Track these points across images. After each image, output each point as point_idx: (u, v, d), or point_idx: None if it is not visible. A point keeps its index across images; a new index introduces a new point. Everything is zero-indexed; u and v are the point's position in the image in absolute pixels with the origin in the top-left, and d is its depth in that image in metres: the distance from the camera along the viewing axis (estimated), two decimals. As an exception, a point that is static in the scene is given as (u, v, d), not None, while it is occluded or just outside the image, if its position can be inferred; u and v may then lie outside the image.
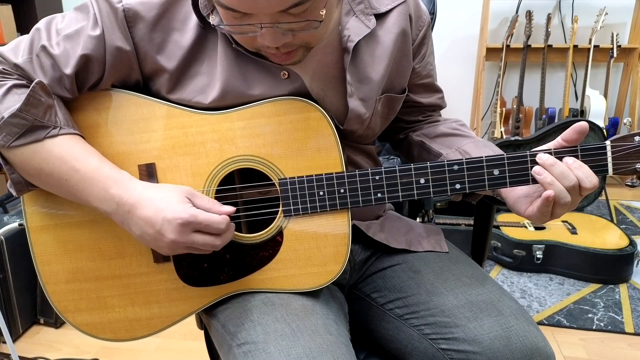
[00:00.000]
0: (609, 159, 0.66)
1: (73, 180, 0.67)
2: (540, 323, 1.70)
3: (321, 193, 0.71)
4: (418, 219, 1.13)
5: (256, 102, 0.71)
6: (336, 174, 0.71)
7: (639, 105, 2.78)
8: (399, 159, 1.21)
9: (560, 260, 1.97)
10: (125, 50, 0.69)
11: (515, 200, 0.71)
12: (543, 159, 0.65)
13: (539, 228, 2.09)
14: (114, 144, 0.72)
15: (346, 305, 0.83)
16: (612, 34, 2.68)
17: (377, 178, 0.71)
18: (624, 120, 2.78)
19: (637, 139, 0.65)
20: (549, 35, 2.74)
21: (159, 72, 0.72)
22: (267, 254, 0.74)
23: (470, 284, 0.77)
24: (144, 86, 0.74)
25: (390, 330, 0.80)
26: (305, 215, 0.73)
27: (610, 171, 0.66)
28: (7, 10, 2.38)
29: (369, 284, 0.85)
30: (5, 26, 2.35)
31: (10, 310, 1.65)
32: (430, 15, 0.87)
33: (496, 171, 0.68)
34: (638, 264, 1.95)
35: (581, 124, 0.64)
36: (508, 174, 0.68)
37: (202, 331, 0.93)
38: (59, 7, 2.80)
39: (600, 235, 2.03)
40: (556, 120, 2.84)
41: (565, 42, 2.81)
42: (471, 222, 2.07)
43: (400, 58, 0.80)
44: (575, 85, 2.91)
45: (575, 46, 2.71)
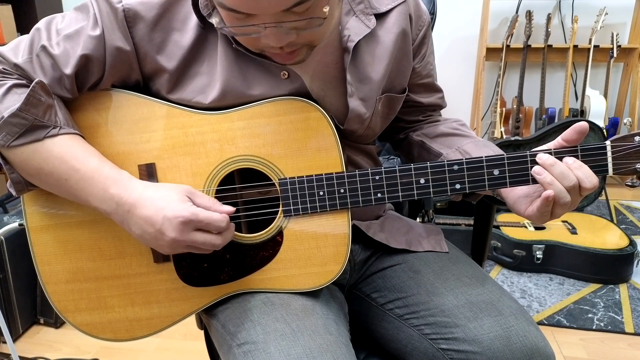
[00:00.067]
0: (609, 159, 0.66)
1: (73, 180, 0.67)
2: (540, 323, 1.70)
3: (321, 193, 0.71)
4: (418, 219, 1.13)
5: (256, 102, 0.71)
6: (336, 174, 0.71)
7: (639, 105, 2.78)
8: (399, 159, 1.21)
9: (560, 260, 1.97)
10: (125, 50, 0.69)
11: (515, 200, 0.71)
12: (543, 159, 0.65)
13: (539, 228, 2.09)
14: (114, 144, 0.72)
15: (346, 305, 0.83)
16: (612, 34, 2.68)
17: (377, 178, 0.71)
18: (624, 120, 2.78)
19: (637, 139, 0.65)
20: (549, 35, 2.74)
21: (159, 72, 0.72)
22: (267, 254, 0.74)
23: (470, 284, 0.77)
24: (144, 86, 0.74)
25: (390, 330, 0.80)
26: (305, 215, 0.73)
27: (610, 171, 0.66)
28: (7, 10, 2.38)
29: (369, 284, 0.85)
30: (5, 26, 2.35)
31: (10, 310, 1.65)
32: (430, 15, 0.87)
33: (496, 171, 0.68)
34: (638, 264, 1.94)
35: (581, 124, 0.64)
36: (508, 174, 0.68)
37: (202, 331, 0.93)
38: (59, 7, 2.79)
39: (600, 235, 2.03)
40: (556, 120, 2.84)
41: (565, 42, 2.81)
42: (471, 222, 2.07)
43: (401, 58, 0.80)
44: (575, 85, 2.90)
45: (575, 46, 2.71)
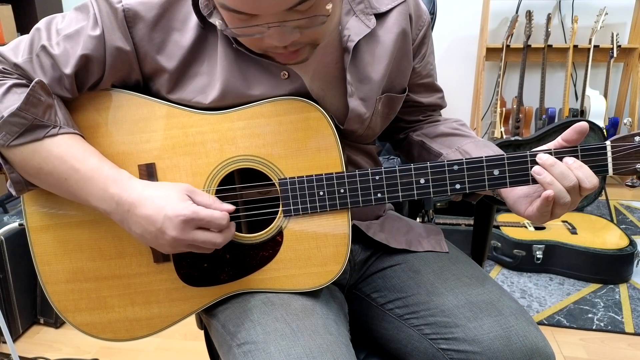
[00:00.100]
0: (609, 159, 0.66)
1: (72, 179, 0.67)
2: (540, 323, 1.70)
3: (321, 193, 0.71)
4: (418, 219, 1.13)
5: (256, 102, 0.71)
6: (336, 174, 0.71)
7: (639, 105, 2.78)
8: (399, 159, 1.21)
9: (560, 260, 1.97)
10: (125, 50, 0.69)
11: (515, 200, 0.71)
12: (543, 159, 0.65)
13: (539, 228, 2.09)
14: (114, 144, 0.72)
15: (346, 305, 0.83)
16: (612, 34, 2.68)
17: (377, 178, 0.71)
18: (624, 120, 2.78)
19: (637, 139, 0.65)
20: (549, 35, 2.74)
21: (159, 72, 0.72)
22: (267, 254, 0.74)
23: (470, 284, 0.77)
24: (144, 86, 0.74)
25: (390, 330, 0.80)
26: (305, 215, 0.73)
27: (610, 171, 0.66)
28: (7, 10, 2.38)
29: (369, 284, 0.85)
30: (5, 26, 2.35)
31: (10, 310, 1.65)
32: (430, 15, 0.87)
33: (496, 171, 0.68)
34: (638, 264, 1.94)
35: (581, 124, 0.64)
36: (508, 174, 0.68)
37: (202, 331, 0.93)
38: (59, 7, 2.79)
39: (600, 235, 2.03)
40: (556, 120, 2.84)
41: (565, 42, 2.81)
42: (471, 222, 2.07)
43: (401, 58, 0.80)
44: (575, 85, 2.90)
45: (575, 46, 2.71)
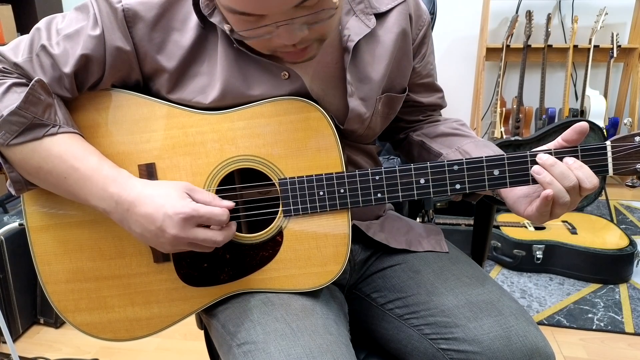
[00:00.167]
0: (609, 159, 0.66)
1: (72, 178, 0.67)
2: (540, 323, 1.70)
3: (321, 193, 0.71)
4: (418, 219, 1.13)
5: (256, 102, 0.71)
6: (336, 174, 0.71)
7: (639, 105, 2.78)
8: (399, 159, 1.21)
9: (560, 260, 1.97)
10: (125, 50, 0.69)
11: (515, 200, 0.71)
12: (543, 159, 0.65)
13: (539, 228, 2.09)
14: (114, 144, 0.72)
15: (346, 305, 0.83)
16: (612, 34, 2.68)
17: (377, 178, 0.71)
18: (624, 121, 2.78)
19: (637, 139, 0.65)
20: (549, 35, 2.74)
21: (159, 72, 0.72)
22: (267, 254, 0.74)
23: (470, 284, 0.77)
24: (144, 86, 0.74)
25: (390, 330, 0.80)
26: (305, 215, 0.72)
27: (610, 171, 0.66)
28: (7, 10, 2.38)
29: (369, 284, 0.85)
30: (5, 26, 2.35)
31: (10, 310, 1.65)
32: (430, 15, 0.87)
33: (496, 171, 0.68)
34: (638, 264, 1.94)
35: (581, 124, 0.64)
36: (508, 174, 0.68)
37: (202, 331, 0.93)
38: (59, 7, 2.79)
39: (600, 235, 2.03)
40: (556, 120, 2.84)
41: (565, 42, 2.81)
42: (471, 222, 2.07)
43: (401, 57, 0.80)
44: (575, 85, 2.90)
45: (575, 46, 2.71)
